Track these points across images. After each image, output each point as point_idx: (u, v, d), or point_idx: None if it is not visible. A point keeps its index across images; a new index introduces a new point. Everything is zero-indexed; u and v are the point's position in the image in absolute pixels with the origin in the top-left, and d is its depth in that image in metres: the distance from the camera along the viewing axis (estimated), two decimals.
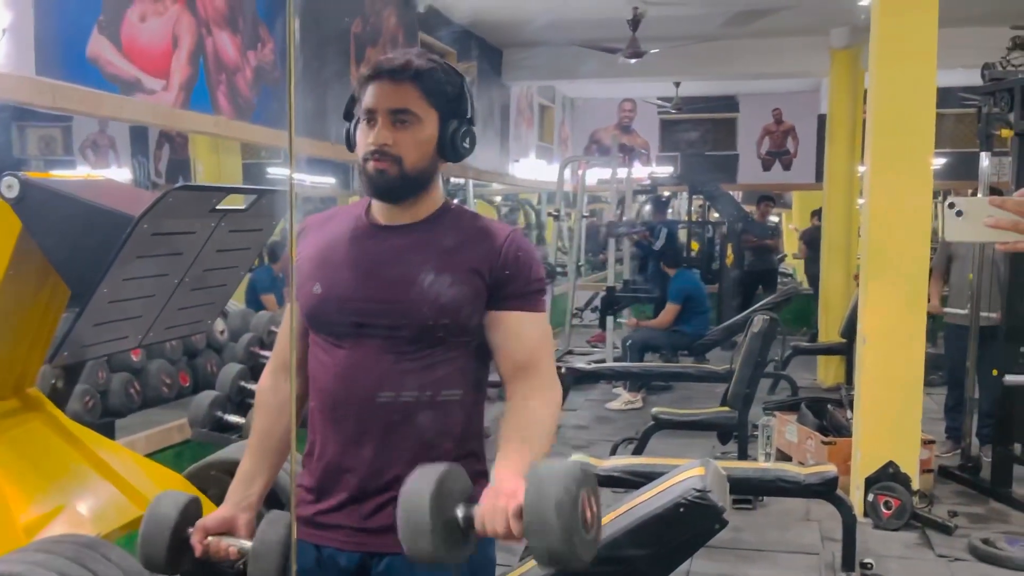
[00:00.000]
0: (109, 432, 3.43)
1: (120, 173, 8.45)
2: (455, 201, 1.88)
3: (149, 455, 3.07)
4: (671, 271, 7.56)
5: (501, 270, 1.61)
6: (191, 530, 1.61)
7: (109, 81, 3.40)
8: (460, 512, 1.37)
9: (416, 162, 1.59)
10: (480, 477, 1.71)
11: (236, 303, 5.08)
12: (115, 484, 2.28)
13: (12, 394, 2.26)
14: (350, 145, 1.65)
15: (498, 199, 10.69)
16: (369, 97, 1.59)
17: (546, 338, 1.69)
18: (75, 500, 2.16)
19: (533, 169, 9.65)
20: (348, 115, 1.66)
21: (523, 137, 9.43)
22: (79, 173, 8.69)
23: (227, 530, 1.63)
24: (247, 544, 1.59)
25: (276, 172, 6.37)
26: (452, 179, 8.10)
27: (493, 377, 1.69)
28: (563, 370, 5.94)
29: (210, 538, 1.61)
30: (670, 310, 7.34)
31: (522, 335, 1.64)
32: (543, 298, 1.68)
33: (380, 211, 1.66)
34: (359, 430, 1.61)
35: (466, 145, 1.64)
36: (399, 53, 1.61)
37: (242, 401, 3.42)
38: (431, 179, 1.64)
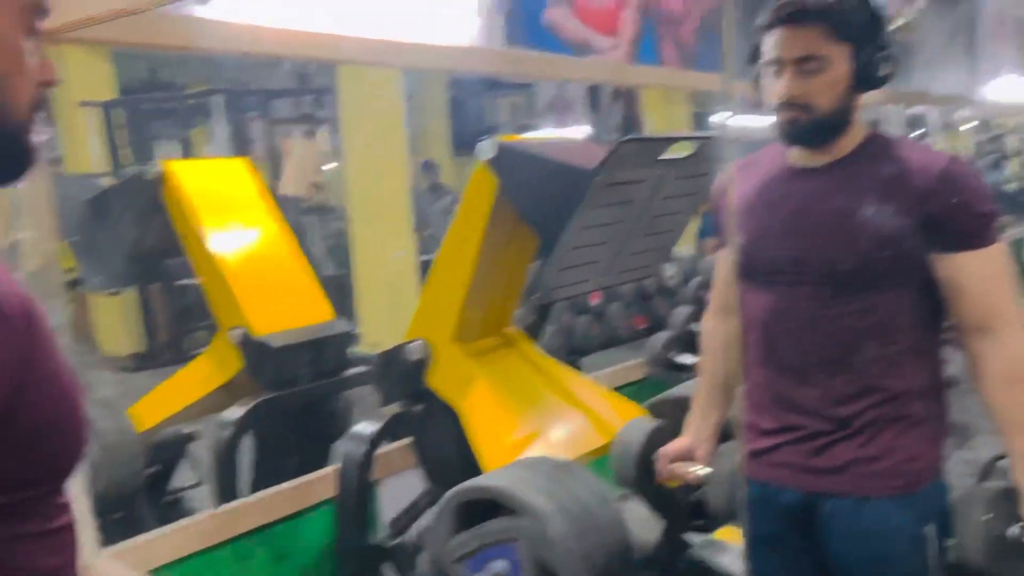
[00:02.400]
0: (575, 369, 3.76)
1: (578, 131, 9.04)
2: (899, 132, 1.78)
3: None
4: None
5: (939, 204, 1.49)
6: (656, 455, 1.76)
7: (564, 45, 3.67)
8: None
9: (829, 105, 1.54)
10: (937, 428, 1.62)
11: (686, 248, 5.24)
12: (584, 413, 2.51)
13: (496, 332, 2.58)
14: (758, 89, 1.64)
15: (966, 127, 9.66)
16: (772, 46, 1.55)
17: (1003, 276, 1.54)
18: (550, 426, 2.41)
19: (1012, 89, 8.56)
20: (753, 58, 1.64)
21: (997, 54, 8.40)
22: (543, 134, 9.45)
23: (687, 458, 1.75)
24: (704, 471, 1.69)
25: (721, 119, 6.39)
26: (909, 110, 7.49)
27: None
28: None
29: (672, 464, 1.74)
30: None
31: (973, 277, 1.51)
32: (994, 230, 1.53)
33: (798, 153, 1.64)
34: (797, 372, 1.62)
35: (885, 72, 1.53)
36: None
37: (692, 341, 3.55)
38: (849, 117, 1.57)
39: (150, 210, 3.08)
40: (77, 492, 2.19)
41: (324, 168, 8.31)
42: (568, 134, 9.19)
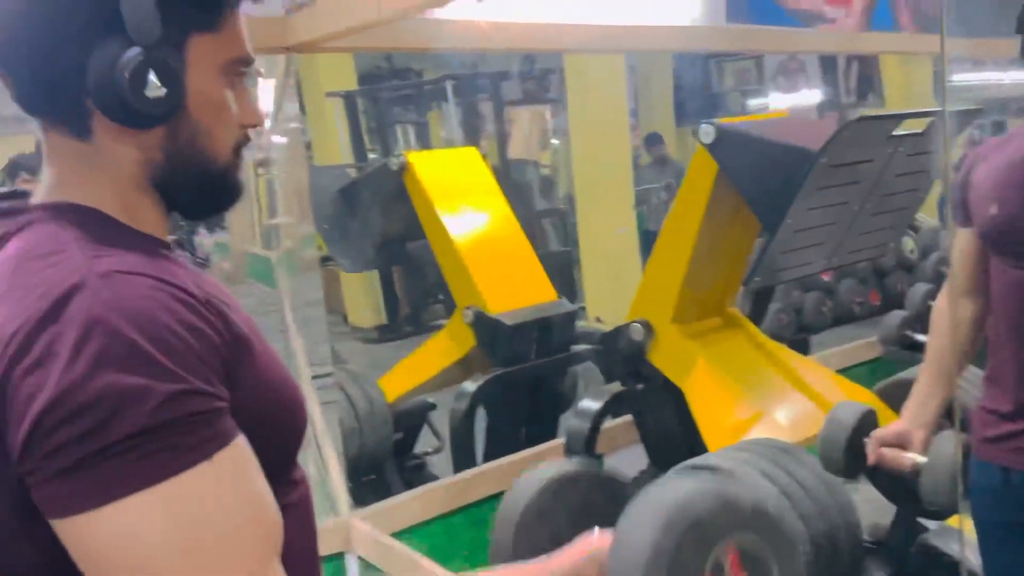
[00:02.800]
0: (803, 348, 3.69)
1: (810, 96, 8.70)
2: None
3: (841, 371, 3.24)
4: None
5: None
6: (867, 439, 1.73)
7: (791, 16, 3.58)
8: None
9: None
10: None
11: (928, 218, 4.95)
12: (808, 396, 2.49)
13: (717, 313, 2.61)
14: None
15: None
16: None
17: None
18: (772, 409, 2.42)
19: None
20: (1021, 27, 1.57)
21: None
22: (767, 109, 9.16)
23: (902, 443, 1.71)
24: (921, 459, 1.65)
25: (961, 79, 5.97)
26: None
27: None
28: None
29: (884, 448, 1.71)
30: None
31: None
32: None
33: None
34: None
35: None
36: None
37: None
38: None
39: (394, 198, 3.33)
40: (331, 456, 2.44)
41: (548, 143, 8.53)
42: (798, 100, 8.88)
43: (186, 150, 0.86)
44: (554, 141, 8.96)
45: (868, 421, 1.75)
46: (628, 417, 2.79)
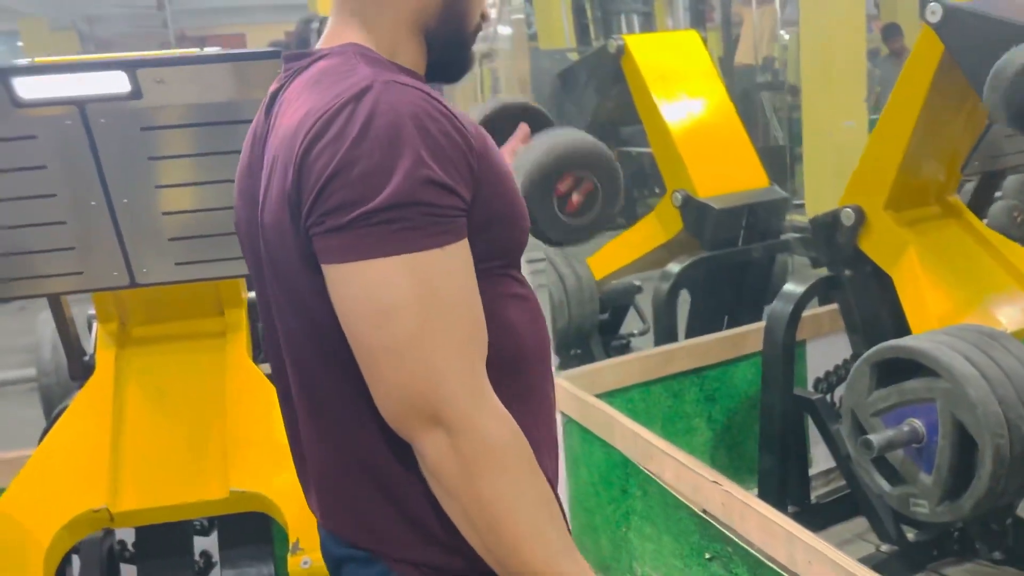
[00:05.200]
0: None
1: None
2: None
3: None
4: None
5: None
6: None
7: None
8: None
9: None
10: None
11: None
12: None
13: (934, 201, 2.54)
14: None
15: None
16: None
17: None
18: (986, 299, 2.36)
19: None
20: None
21: None
22: None
23: None
24: None
25: None
26: None
27: None
28: None
29: None
30: None
31: None
32: None
33: None
34: None
35: None
36: None
37: None
38: None
39: (610, 81, 3.40)
40: None
41: (778, 36, 8.20)
42: None
43: (455, 6, 1.05)
44: (784, 34, 8.57)
45: None
46: (835, 305, 2.79)
